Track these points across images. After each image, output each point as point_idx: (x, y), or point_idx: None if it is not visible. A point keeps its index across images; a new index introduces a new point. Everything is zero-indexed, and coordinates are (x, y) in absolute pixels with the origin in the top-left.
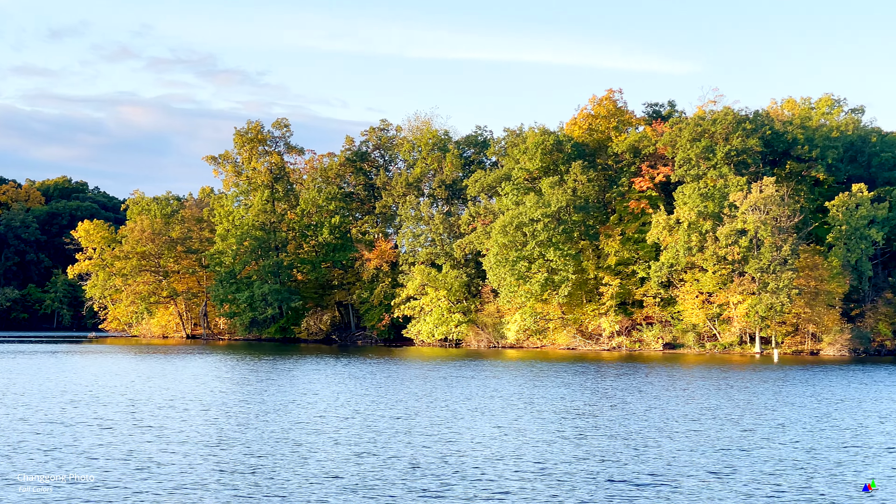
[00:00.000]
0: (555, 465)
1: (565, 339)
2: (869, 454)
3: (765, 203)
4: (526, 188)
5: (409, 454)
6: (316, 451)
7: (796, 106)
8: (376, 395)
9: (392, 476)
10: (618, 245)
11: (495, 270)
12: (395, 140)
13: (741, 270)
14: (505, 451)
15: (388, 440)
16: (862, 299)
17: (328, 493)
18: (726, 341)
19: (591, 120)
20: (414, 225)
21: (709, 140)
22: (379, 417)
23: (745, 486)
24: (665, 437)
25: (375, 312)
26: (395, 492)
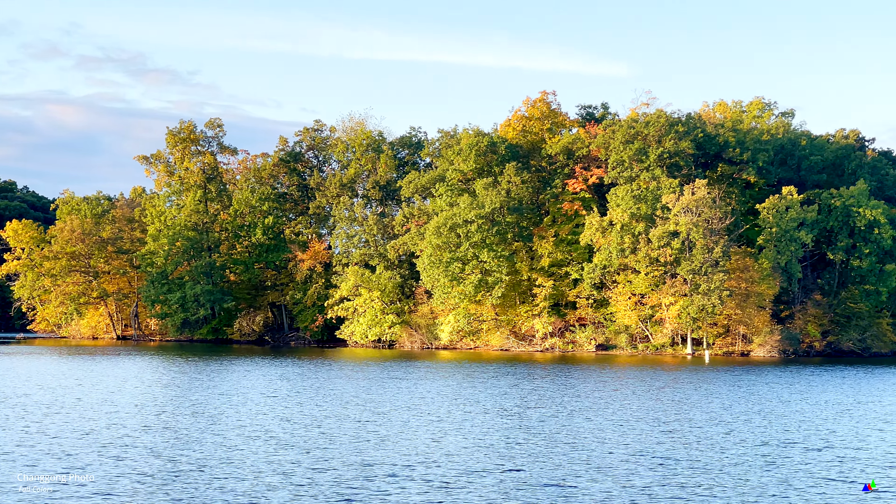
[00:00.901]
0: (480, 466)
1: (499, 340)
2: (794, 454)
3: (697, 205)
4: (460, 189)
5: (336, 455)
6: (240, 453)
7: (728, 109)
8: (305, 396)
9: (318, 478)
10: (551, 247)
11: (429, 272)
12: (329, 141)
13: (673, 272)
14: (431, 452)
15: (315, 442)
16: (791, 301)
17: (253, 495)
18: (658, 343)
19: (525, 122)
20: (348, 226)
21: (642, 142)
22: (306, 419)
23: (669, 488)
24: (590, 439)
25: (309, 313)
26: (320, 493)
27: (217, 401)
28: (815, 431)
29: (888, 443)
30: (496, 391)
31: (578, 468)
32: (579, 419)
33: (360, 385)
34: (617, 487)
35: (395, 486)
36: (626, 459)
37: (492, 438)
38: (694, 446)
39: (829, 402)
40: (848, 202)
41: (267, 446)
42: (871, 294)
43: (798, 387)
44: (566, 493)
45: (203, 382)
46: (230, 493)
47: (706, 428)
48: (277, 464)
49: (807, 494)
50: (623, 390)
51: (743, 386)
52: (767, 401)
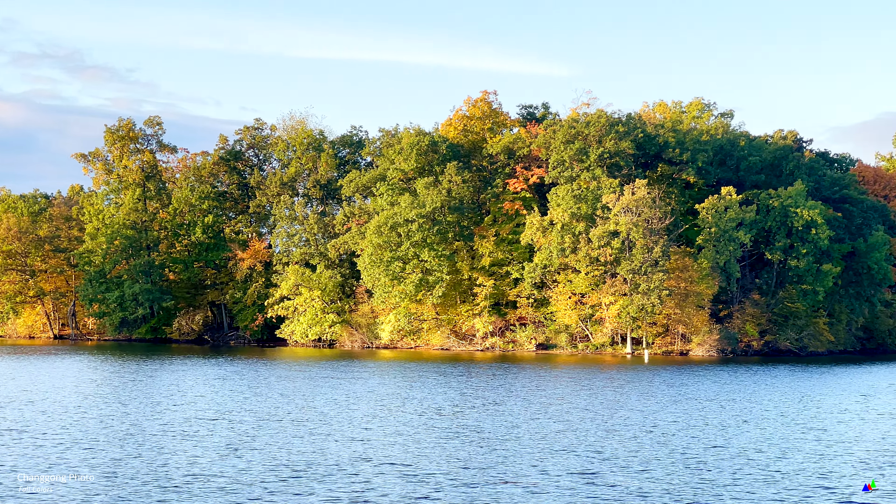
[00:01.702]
0: (416, 466)
1: (439, 339)
2: (733, 453)
3: (637, 205)
4: (401, 189)
5: (272, 455)
6: (176, 453)
7: (668, 109)
8: (242, 396)
9: (253, 478)
10: (492, 246)
11: (370, 271)
12: (270, 139)
13: (613, 272)
14: (367, 452)
15: (251, 441)
16: (730, 300)
17: (188, 495)
18: (598, 342)
19: (466, 121)
20: (288, 225)
21: (582, 142)
22: (243, 418)
23: (606, 489)
24: (528, 438)
25: (249, 312)
26: (255, 493)
27: (150, 401)
28: (747, 431)
29: (821, 442)
30: (433, 391)
31: (512, 467)
32: (514, 418)
33: (297, 385)
34: (552, 485)
35: (324, 485)
36: (562, 457)
37: (425, 438)
38: (627, 445)
39: (762, 402)
40: (786, 202)
41: (198, 446)
42: (809, 294)
43: (733, 386)
44: (498, 493)
45: (138, 382)
46: (156, 494)
47: (640, 427)
48: (207, 464)
49: (735, 494)
50: (561, 390)
51: (678, 385)
52: (702, 400)
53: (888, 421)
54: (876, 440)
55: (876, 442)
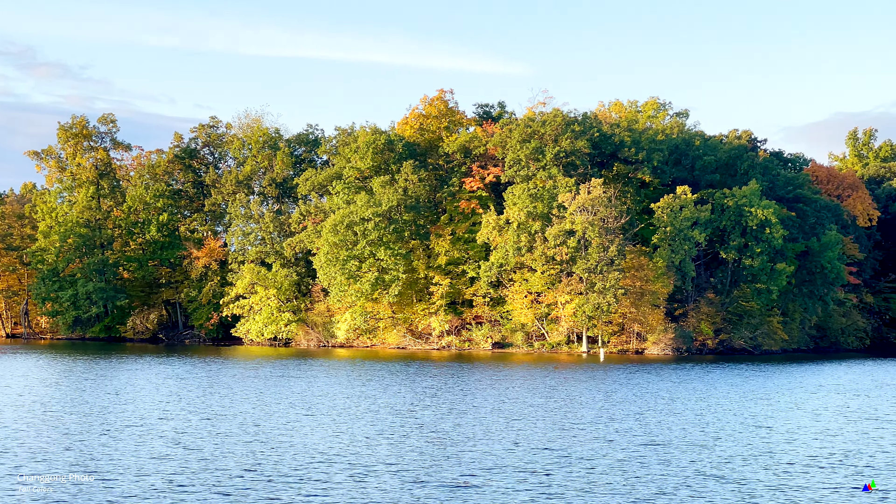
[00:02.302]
0: (369, 465)
1: (395, 338)
2: (683, 451)
3: (592, 204)
4: (357, 187)
5: (218, 456)
6: (124, 453)
7: (623, 109)
8: (195, 395)
9: (204, 477)
10: (448, 245)
11: (326, 269)
12: (225, 138)
13: (569, 271)
14: (320, 451)
15: (202, 440)
16: (685, 299)
17: (138, 495)
18: (554, 340)
19: (422, 120)
20: (244, 223)
21: (538, 141)
22: (193, 417)
23: (554, 488)
24: (479, 437)
25: (204, 311)
26: (205, 493)
27: (103, 400)
28: (701, 429)
29: (772, 441)
30: (388, 389)
31: (466, 466)
32: (467, 417)
33: (249, 384)
34: (509, 484)
35: (278, 485)
36: (517, 456)
37: (379, 437)
38: (582, 444)
39: (714, 400)
40: (740, 202)
41: (151, 445)
42: (763, 293)
43: (687, 385)
44: (453, 492)
45: (90, 381)
46: (109, 494)
47: (593, 425)
48: (160, 463)
49: (685, 491)
50: (515, 388)
51: (633, 384)
52: (656, 398)
53: (839, 419)
54: (825, 437)
55: (824, 439)
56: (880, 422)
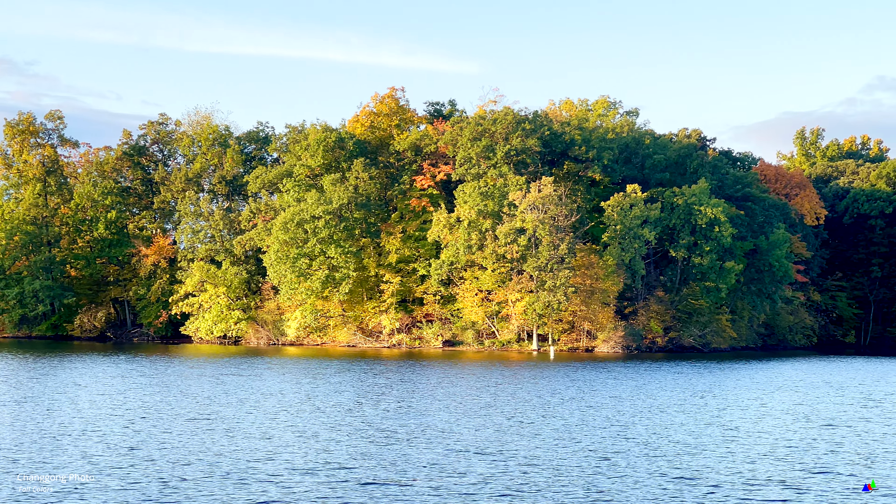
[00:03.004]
0: (313, 464)
1: (346, 336)
2: (630, 449)
3: (543, 202)
4: (307, 185)
5: (162, 455)
6: (65, 453)
7: (574, 107)
8: (138, 393)
9: (143, 476)
10: (399, 243)
11: (276, 267)
12: (175, 135)
13: (520, 269)
14: (265, 450)
15: (142, 439)
16: (635, 297)
17: (81, 494)
18: (504, 339)
19: (373, 118)
20: (193, 221)
21: (489, 139)
22: (135, 416)
23: (486, 487)
24: (427, 435)
25: (152, 309)
26: (150, 492)
27: (47, 398)
28: (648, 426)
29: (721, 437)
30: (336, 388)
31: (407, 465)
32: (414, 415)
33: (196, 382)
34: (449, 483)
35: (220, 484)
36: (460, 455)
37: (323, 435)
38: (526, 442)
39: (661, 398)
40: (690, 200)
41: (92, 444)
42: (712, 291)
43: (636, 382)
44: (390, 490)
45: (32, 380)
46: (42, 493)
47: (539, 423)
48: (102, 462)
49: (633, 489)
50: (464, 386)
51: (581, 381)
52: (603, 396)
53: (785, 416)
54: (770, 434)
55: (770, 436)
56: (825, 419)
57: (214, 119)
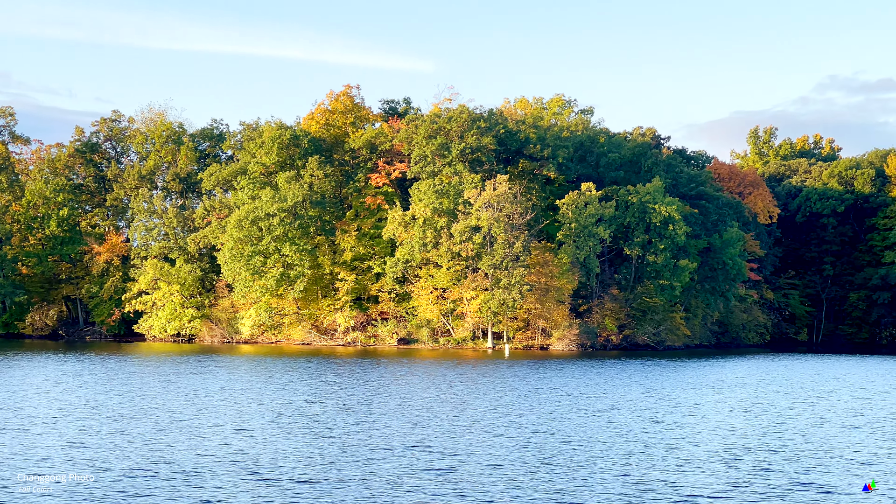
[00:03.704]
0: (262, 463)
1: (300, 334)
2: (580, 447)
3: (498, 200)
4: (262, 182)
5: (106, 455)
6: (13, 452)
7: (529, 106)
8: (87, 392)
9: (88, 475)
10: (354, 240)
11: (230, 265)
12: (128, 132)
13: (475, 267)
14: (214, 449)
15: (89, 438)
16: (590, 295)
17: (25, 494)
18: (460, 336)
19: (328, 115)
20: (147, 218)
21: (444, 137)
22: (83, 415)
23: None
24: (378, 434)
25: (105, 307)
26: (97, 492)
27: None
28: (599, 424)
29: (672, 436)
30: (288, 386)
31: (346, 464)
32: (361, 413)
33: (147, 380)
34: (383, 483)
35: (162, 486)
36: (405, 454)
37: (272, 434)
38: (477, 440)
39: (613, 395)
40: (644, 199)
41: (30, 445)
42: (666, 289)
43: (588, 380)
44: (341, 490)
45: None
46: None
47: (490, 421)
48: (37, 461)
49: (582, 488)
50: (415, 384)
51: (535, 379)
52: (558, 394)
53: (737, 413)
54: (722, 431)
55: (722, 433)
56: (779, 415)
57: (168, 116)
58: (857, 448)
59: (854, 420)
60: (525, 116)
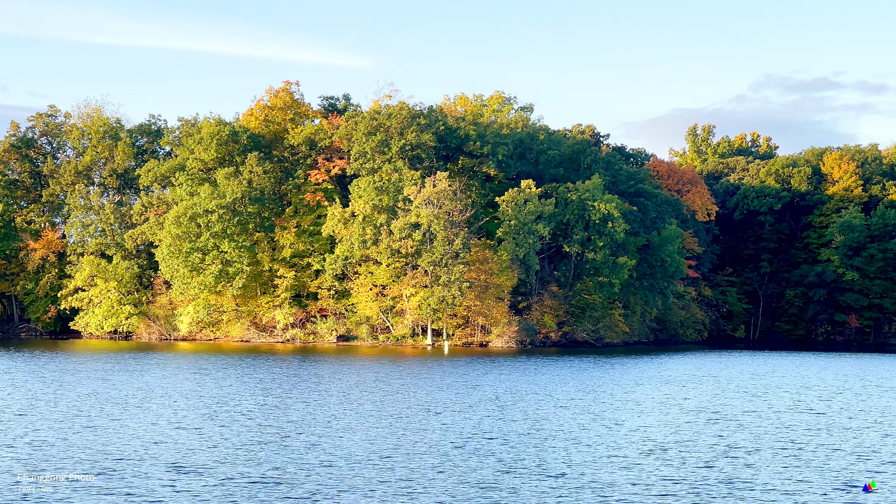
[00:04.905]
0: (192, 461)
1: (239, 331)
2: (513, 443)
3: (438, 198)
4: (201, 179)
5: (30, 453)
6: None
7: (469, 102)
8: (14, 389)
9: (8, 473)
10: (293, 237)
11: (168, 262)
12: (64, 127)
13: (414, 264)
14: (144, 447)
15: (13, 436)
16: (529, 293)
17: None
18: (399, 333)
19: (267, 111)
20: (83, 214)
21: (384, 134)
22: (6, 412)
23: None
24: (309, 431)
25: (41, 304)
26: (23, 491)
27: None
28: (534, 421)
29: (602, 432)
30: (220, 383)
31: (269, 462)
32: (294, 411)
33: (78, 377)
34: (306, 479)
35: (83, 482)
36: (340, 453)
37: (203, 432)
38: (408, 436)
39: (547, 392)
40: (584, 196)
41: None
42: (605, 286)
43: (525, 377)
44: (265, 488)
45: None
46: None
47: (422, 419)
48: None
49: (513, 485)
50: (351, 381)
51: (473, 376)
52: (492, 391)
53: (673, 410)
54: (658, 428)
55: (657, 430)
56: (710, 412)
57: (105, 111)
58: (792, 443)
59: (782, 415)
60: (465, 114)
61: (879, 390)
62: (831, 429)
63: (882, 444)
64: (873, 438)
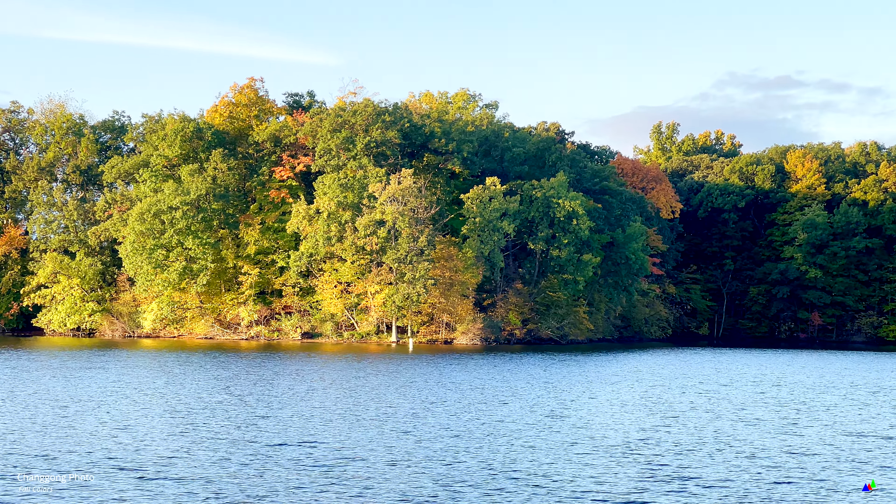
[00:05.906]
0: (146, 459)
1: (203, 328)
2: (469, 442)
3: (403, 194)
4: (165, 175)
5: None
6: None
7: (434, 100)
8: None
9: None
10: (258, 234)
11: (132, 259)
12: (27, 123)
13: (379, 261)
14: (105, 446)
15: None
16: (494, 290)
17: None
18: (364, 331)
19: (232, 108)
20: (46, 211)
21: (349, 131)
22: None
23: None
24: (268, 429)
25: (3, 301)
26: None
27: None
28: (484, 419)
29: (564, 430)
30: (183, 381)
31: (230, 462)
32: (257, 408)
33: (37, 375)
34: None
35: (43, 484)
36: (277, 448)
37: (161, 430)
38: (369, 435)
39: (514, 389)
40: (548, 193)
41: None
42: (570, 283)
43: (488, 374)
44: (224, 487)
45: None
46: None
47: (372, 415)
48: None
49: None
50: (313, 379)
51: (438, 373)
52: (455, 389)
53: (636, 408)
54: (620, 425)
55: (619, 427)
56: (674, 409)
57: (68, 107)
58: (746, 441)
59: (743, 413)
60: (430, 111)
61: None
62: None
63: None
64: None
